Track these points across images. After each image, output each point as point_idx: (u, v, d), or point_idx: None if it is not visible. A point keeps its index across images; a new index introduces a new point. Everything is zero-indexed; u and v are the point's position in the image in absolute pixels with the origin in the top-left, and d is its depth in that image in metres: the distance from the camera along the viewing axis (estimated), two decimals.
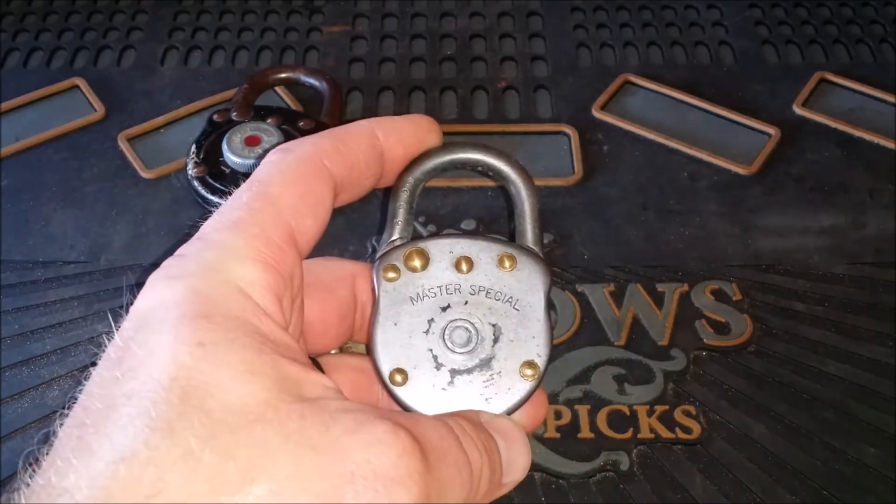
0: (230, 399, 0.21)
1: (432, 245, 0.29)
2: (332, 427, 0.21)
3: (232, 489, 0.19)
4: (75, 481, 0.19)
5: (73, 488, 0.19)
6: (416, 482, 0.21)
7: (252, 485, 0.20)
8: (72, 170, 0.59)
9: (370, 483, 0.20)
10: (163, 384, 0.20)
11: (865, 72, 0.66)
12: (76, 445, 0.20)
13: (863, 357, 0.48)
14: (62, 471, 0.20)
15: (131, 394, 0.20)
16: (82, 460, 0.20)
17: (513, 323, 0.28)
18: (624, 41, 0.70)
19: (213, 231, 0.24)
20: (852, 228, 0.55)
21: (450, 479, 0.23)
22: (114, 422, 0.20)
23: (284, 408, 0.21)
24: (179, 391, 0.20)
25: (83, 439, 0.20)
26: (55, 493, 0.19)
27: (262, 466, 0.20)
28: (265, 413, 0.21)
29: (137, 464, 0.19)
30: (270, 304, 0.24)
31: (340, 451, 0.21)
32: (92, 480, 0.19)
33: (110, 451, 0.20)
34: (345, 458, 0.21)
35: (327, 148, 0.27)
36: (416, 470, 0.21)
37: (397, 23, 0.73)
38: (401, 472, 0.21)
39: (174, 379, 0.20)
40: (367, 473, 0.21)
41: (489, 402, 0.28)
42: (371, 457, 0.21)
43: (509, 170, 0.30)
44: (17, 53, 0.69)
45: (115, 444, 0.20)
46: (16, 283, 0.52)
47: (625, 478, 0.43)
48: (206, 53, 0.69)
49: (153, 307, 0.22)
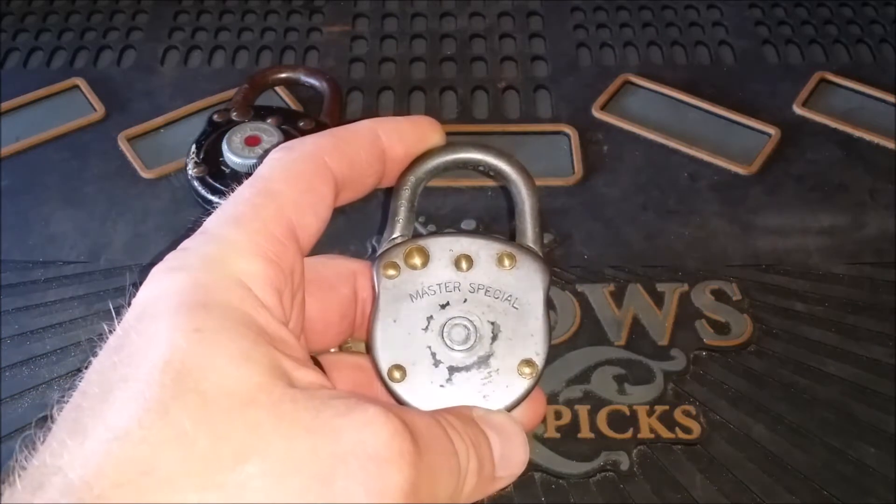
0: (224, 382, 0.21)
1: (432, 243, 0.29)
2: (324, 410, 0.21)
3: (225, 468, 0.20)
4: (69, 460, 0.20)
5: (67, 467, 0.19)
6: (407, 463, 0.21)
7: (245, 464, 0.20)
8: (72, 170, 0.59)
9: (362, 462, 0.21)
10: (157, 366, 0.21)
11: (865, 72, 0.66)
12: (71, 427, 0.20)
13: (863, 357, 0.48)
14: (56, 451, 0.20)
15: (127, 377, 0.21)
16: (76, 440, 0.20)
17: (511, 321, 0.28)
18: (624, 41, 0.70)
19: (215, 225, 0.25)
20: (852, 228, 0.55)
21: (438, 465, 0.23)
22: (109, 404, 0.20)
23: (277, 392, 0.21)
24: (173, 373, 0.20)
25: (78, 421, 0.20)
26: (49, 472, 0.20)
27: (255, 447, 0.20)
28: (258, 396, 0.21)
29: (131, 443, 0.19)
30: (270, 297, 0.24)
31: (333, 432, 0.21)
32: (85, 459, 0.19)
33: (104, 431, 0.20)
34: (337, 438, 0.21)
35: (329, 146, 0.27)
36: (407, 451, 0.22)
37: (397, 23, 0.73)
38: (392, 453, 0.21)
39: (168, 362, 0.21)
40: (360, 453, 0.21)
41: (487, 400, 0.28)
42: (363, 437, 0.21)
43: (510, 169, 0.31)
44: (17, 53, 0.69)
45: (109, 425, 0.20)
46: (16, 283, 0.52)
47: (625, 478, 0.43)
48: (206, 53, 0.70)
49: (154, 298, 0.23)
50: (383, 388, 0.28)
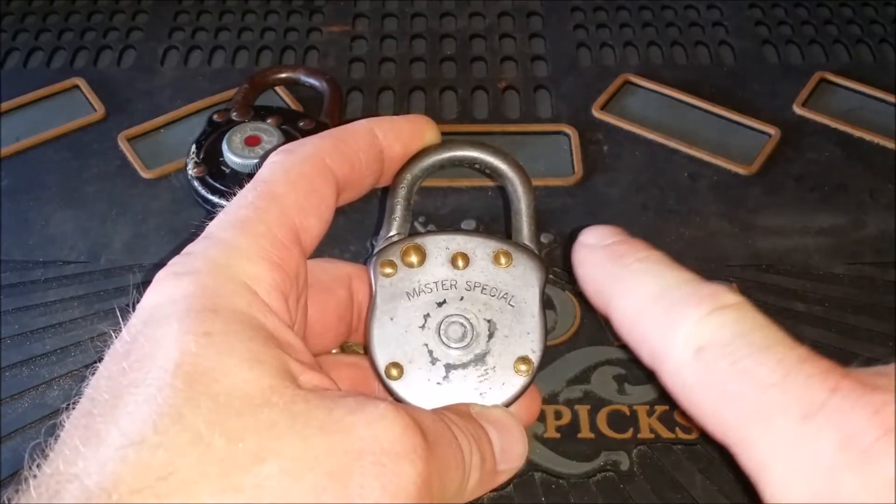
0: (235, 384, 0.21)
1: (429, 241, 0.29)
2: (336, 409, 0.21)
3: (242, 470, 0.20)
4: (84, 467, 0.19)
5: (83, 474, 0.19)
6: (419, 457, 0.22)
7: (262, 465, 0.20)
8: (72, 170, 0.59)
9: (377, 458, 0.21)
10: (168, 370, 0.21)
11: (865, 72, 0.66)
12: (83, 434, 0.20)
13: (863, 357, 0.48)
14: (70, 458, 0.20)
15: (138, 382, 0.21)
16: (90, 447, 0.20)
17: (507, 319, 0.28)
18: (624, 41, 0.70)
19: (219, 230, 0.25)
20: (852, 228, 0.55)
21: (446, 460, 0.23)
22: (121, 409, 0.20)
23: (289, 393, 0.21)
24: (184, 377, 0.20)
25: (90, 428, 0.20)
26: (63, 480, 0.19)
27: (270, 447, 0.20)
28: (270, 397, 0.21)
29: (147, 448, 0.19)
30: (276, 301, 0.24)
31: (346, 430, 0.21)
32: (101, 465, 0.19)
33: (119, 437, 0.20)
34: (351, 435, 0.21)
35: (329, 148, 0.28)
36: (419, 445, 0.22)
37: (397, 23, 0.73)
38: (406, 447, 0.21)
39: (179, 365, 0.21)
40: (375, 448, 0.21)
41: (483, 397, 0.28)
42: (376, 432, 0.21)
43: (506, 167, 0.31)
44: (17, 53, 0.69)
45: (124, 431, 0.20)
46: (16, 283, 0.52)
47: (625, 478, 0.43)
48: (206, 53, 0.70)
49: (160, 303, 0.23)
50: (381, 386, 0.29)
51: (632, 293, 0.25)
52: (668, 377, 0.24)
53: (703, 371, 0.22)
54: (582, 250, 0.27)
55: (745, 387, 0.21)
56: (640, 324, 0.24)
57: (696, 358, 0.22)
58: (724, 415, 0.22)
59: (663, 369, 0.24)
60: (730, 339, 0.22)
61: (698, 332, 0.23)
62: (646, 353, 0.24)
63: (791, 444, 0.20)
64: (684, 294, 0.24)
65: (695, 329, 0.23)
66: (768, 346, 0.22)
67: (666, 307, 0.24)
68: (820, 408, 0.20)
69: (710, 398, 0.22)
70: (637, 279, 0.25)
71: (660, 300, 0.24)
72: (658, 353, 0.24)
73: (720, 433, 0.22)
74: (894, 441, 0.19)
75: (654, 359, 0.24)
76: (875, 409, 0.20)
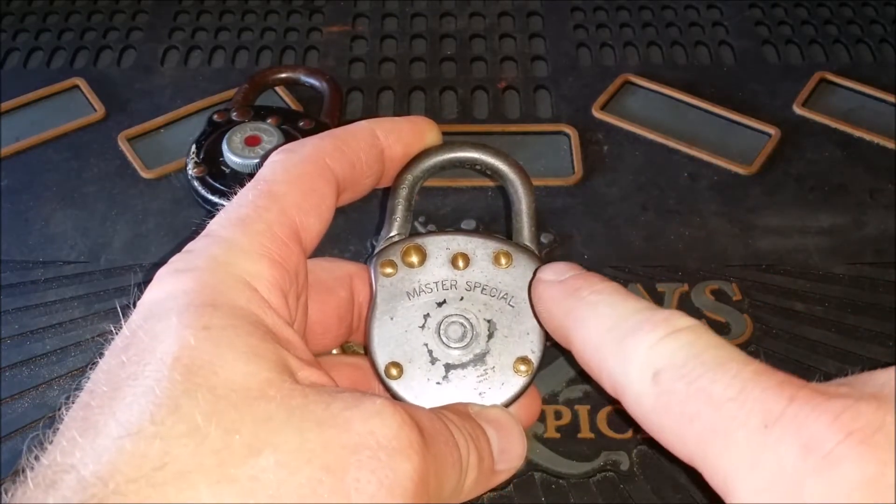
0: (233, 377, 0.21)
1: (429, 241, 0.29)
2: (333, 404, 0.22)
3: (238, 462, 0.20)
4: (81, 458, 0.20)
5: (79, 464, 0.19)
6: (416, 452, 0.22)
7: (258, 457, 0.20)
8: (72, 170, 0.59)
9: (374, 452, 0.21)
10: (166, 363, 0.21)
11: (865, 72, 0.66)
12: (81, 425, 0.21)
13: (863, 357, 0.48)
14: (67, 449, 0.20)
15: (136, 375, 0.21)
16: (87, 438, 0.20)
17: (507, 319, 0.29)
18: (624, 41, 0.70)
19: (219, 228, 0.25)
20: (852, 228, 0.55)
21: (443, 457, 0.24)
22: (119, 401, 0.21)
23: (287, 387, 0.22)
24: (182, 369, 0.21)
25: (88, 419, 0.21)
26: (60, 470, 0.20)
27: (267, 440, 0.20)
28: (268, 390, 0.21)
29: (143, 438, 0.20)
30: (276, 298, 0.24)
31: (343, 424, 0.21)
32: (98, 456, 0.19)
33: (116, 428, 0.20)
34: (348, 429, 0.21)
35: (329, 148, 0.28)
36: (416, 440, 0.22)
37: (397, 23, 0.73)
38: (402, 443, 0.21)
39: (177, 358, 0.21)
40: (371, 443, 0.21)
41: (483, 397, 0.28)
42: (373, 427, 0.21)
43: (506, 168, 0.31)
44: (17, 53, 0.69)
45: (121, 421, 0.20)
46: (16, 283, 0.52)
47: (625, 478, 0.43)
48: (206, 53, 0.70)
49: (160, 299, 0.23)
50: (381, 385, 0.29)
51: (588, 326, 0.25)
52: (630, 404, 0.24)
53: (662, 394, 0.23)
54: (539, 286, 0.28)
55: (703, 405, 0.22)
56: (599, 355, 0.25)
57: (654, 382, 0.23)
58: (686, 435, 0.22)
59: (625, 397, 0.24)
60: (684, 360, 0.23)
61: (653, 357, 0.23)
62: (607, 383, 0.25)
63: (753, 454, 0.20)
64: (638, 322, 0.24)
65: (650, 354, 0.23)
66: (722, 363, 0.23)
67: (621, 336, 0.24)
68: (779, 417, 0.20)
69: (671, 420, 0.23)
70: (593, 311, 0.25)
71: (615, 330, 0.24)
72: (618, 382, 0.24)
73: (685, 454, 0.23)
74: (855, 444, 0.19)
75: (615, 388, 0.25)
76: (835, 415, 0.20)
